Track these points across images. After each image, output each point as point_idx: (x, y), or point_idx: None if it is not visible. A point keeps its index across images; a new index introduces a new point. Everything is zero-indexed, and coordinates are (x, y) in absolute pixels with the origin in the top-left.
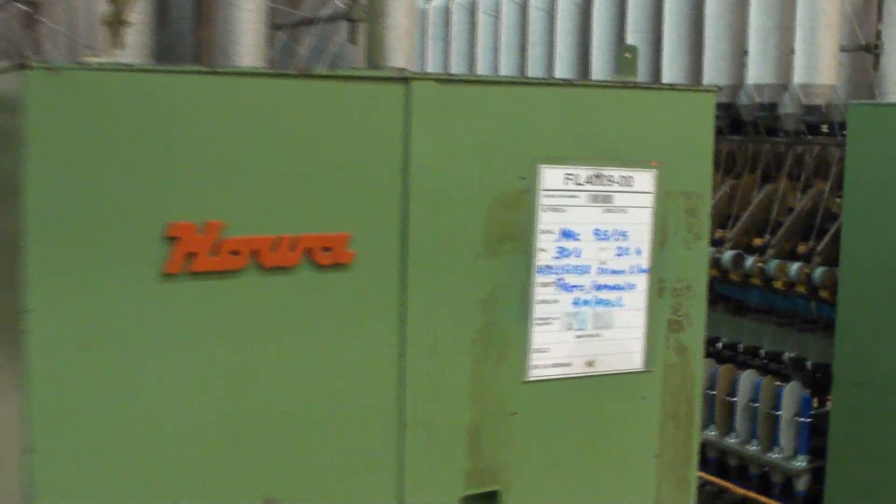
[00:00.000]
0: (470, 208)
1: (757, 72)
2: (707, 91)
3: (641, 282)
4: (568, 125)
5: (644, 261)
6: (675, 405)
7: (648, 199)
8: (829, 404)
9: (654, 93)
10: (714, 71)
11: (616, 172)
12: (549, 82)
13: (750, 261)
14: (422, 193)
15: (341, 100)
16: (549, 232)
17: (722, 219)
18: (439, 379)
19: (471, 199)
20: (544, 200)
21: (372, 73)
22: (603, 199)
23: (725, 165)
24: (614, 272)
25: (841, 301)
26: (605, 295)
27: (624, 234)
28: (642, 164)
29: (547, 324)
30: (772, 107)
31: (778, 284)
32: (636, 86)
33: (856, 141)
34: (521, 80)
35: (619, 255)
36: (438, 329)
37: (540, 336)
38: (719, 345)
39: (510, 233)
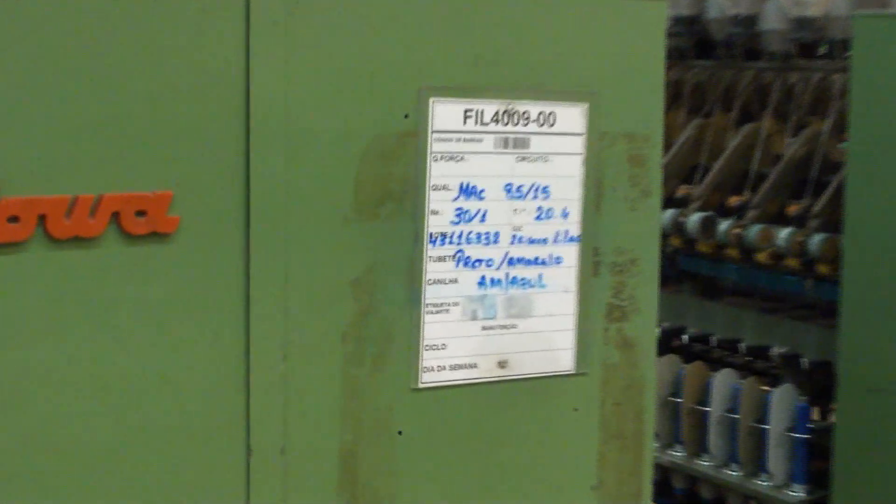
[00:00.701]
0: (335, 158)
1: None
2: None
3: (570, 254)
4: (468, 44)
5: (573, 226)
6: (618, 419)
7: (578, 144)
8: (832, 416)
9: (585, 2)
10: None
11: (534, 107)
12: None
13: (724, 225)
14: (268, 139)
15: (158, 16)
16: (444, 188)
17: (686, 171)
18: (297, 388)
19: (336, 145)
20: (437, 146)
21: None
22: (516, 144)
23: (691, 101)
24: (533, 242)
25: (845, 279)
26: (520, 272)
27: (545, 191)
28: (569, 95)
29: (443, 311)
30: (750, 21)
31: (761, 257)
32: None
33: (863, 64)
34: None
35: (540, 218)
36: (294, 321)
37: (434, 328)
38: (685, 337)
39: (391, 190)
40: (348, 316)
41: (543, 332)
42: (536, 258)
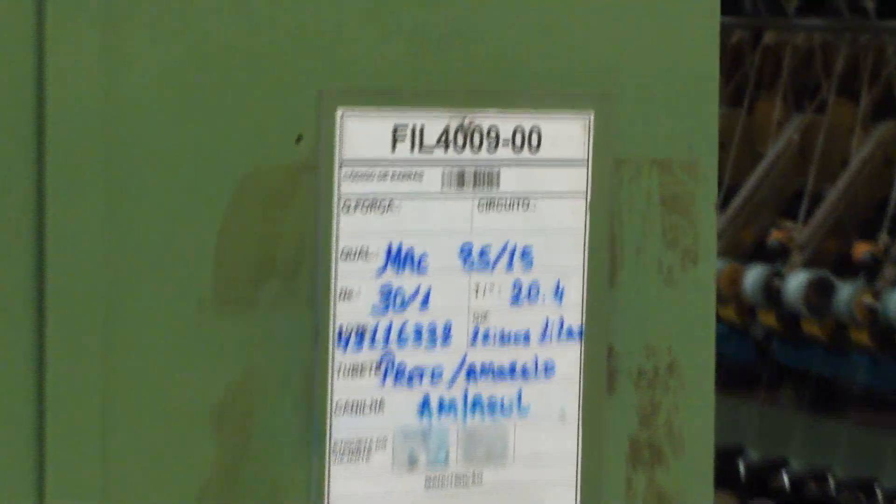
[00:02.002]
0: (183, 208)
1: None
2: None
3: (568, 358)
4: (401, 19)
5: (571, 313)
6: None
7: (578, 178)
8: None
9: None
10: None
11: (506, 121)
12: None
13: (847, 291)
14: (74, 178)
15: None
16: (362, 254)
17: (785, 201)
18: None
19: (185, 187)
20: (349, 186)
21: None
22: (478, 181)
23: (790, 82)
24: (507, 339)
25: None
26: (487, 389)
27: (526, 256)
28: (564, 100)
29: (362, 456)
30: None
31: None
32: None
33: None
34: None
35: (518, 300)
36: (117, 476)
37: (345, 483)
38: (786, 476)
39: (275, 259)
40: (208, 463)
41: (527, 487)
42: (513, 366)
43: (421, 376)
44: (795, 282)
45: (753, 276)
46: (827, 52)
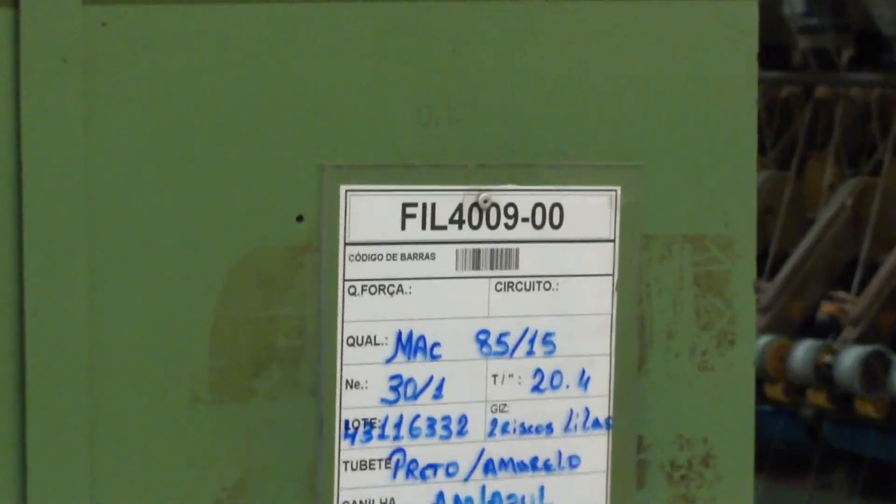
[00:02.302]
0: (174, 292)
1: None
2: None
3: (594, 451)
4: (408, 87)
5: (598, 403)
6: None
7: (603, 257)
8: None
9: (617, 4)
10: None
11: (524, 197)
12: None
13: None
14: (54, 259)
15: None
16: (370, 342)
17: (837, 270)
18: None
19: (175, 270)
20: (354, 269)
21: None
22: (495, 261)
23: (843, 142)
24: (528, 431)
25: None
26: (507, 485)
27: (548, 342)
28: (588, 174)
29: None
30: None
31: None
32: None
33: None
34: None
35: (539, 389)
36: None
37: None
38: None
39: (275, 347)
40: None
41: None
42: (535, 460)
43: (435, 471)
44: (848, 358)
45: (802, 352)
46: (883, 108)
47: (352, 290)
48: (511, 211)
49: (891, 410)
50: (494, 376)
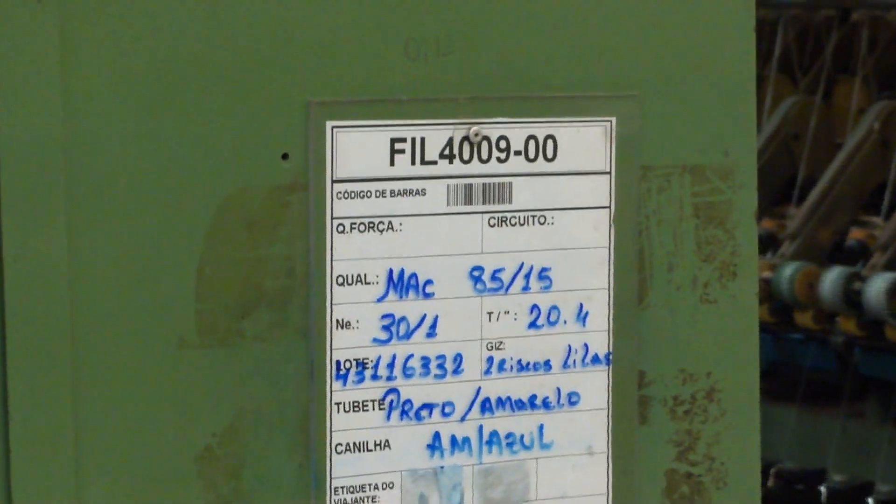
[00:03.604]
0: (157, 235)
1: None
2: None
3: (594, 387)
4: (394, 19)
5: (597, 338)
6: None
7: (600, 188)
8: None
9: None
10: None
11: (516, 129)
12: None
13: None
14: (32, 203)
15: None
16: (360, 280)
17: (866, 194)
18: None
19: (158, 211)
20: (343, 207)
21: None
22: (488, 196)
23: (871, 66)
24: (525, 368)
25: None
26: (505, 423)
27: (544, 276)
28: (582, 104)
29: (366, 500)
30: None
31: None
32: None
33: None
34: None
35: (537, 325)
36: None
37: None
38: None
39: (263, 288)
40: None
41: None
42: (533, 398)
43: (430, 411)
44: (877, 285)
45: (831, 279)
46: None
47: (340, 229)
48: (503, 144)
49: None
50: (489, 313)
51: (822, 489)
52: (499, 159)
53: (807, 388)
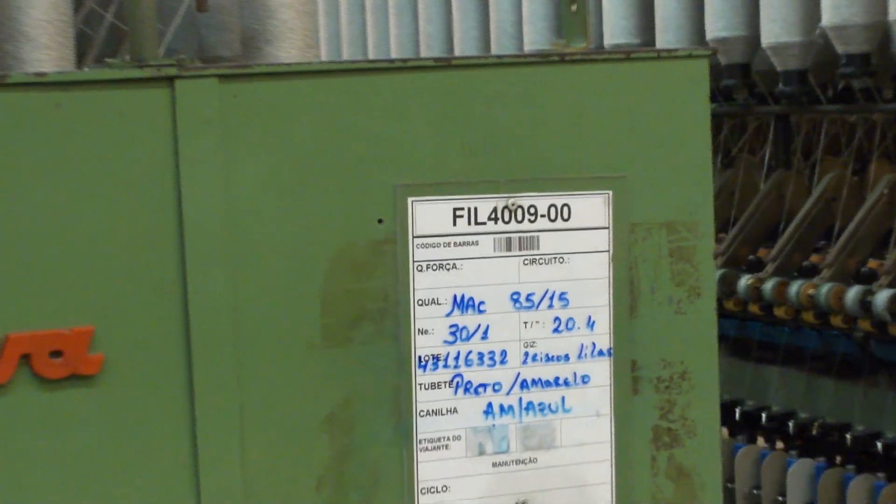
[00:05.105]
0: (292, 274)
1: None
2: (696, 56)
3: (600, 372)
4: (453, 129)
5: (601, 338)
6: None
7: (601, 239)
8: None
9: (604, 65)
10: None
11: (541, 200)
12: (415, 65)
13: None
14: (208, 256)
15: (69, 115)
16: (434, 302)
17: (878, 236)
18: None
19: (293, 259)
20: (421, 253)
21: (116, 72)
22: (522, 245)
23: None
24: (551, 359)
25: None
26: (537, 396)
27: (562, 298)
28: (586, 183)
29: (441, 448)
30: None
31: None
32: (564, 59)
33: None
34: (366, 66)
35: (558, 331)
36: (256, 468)
37: (430, 468)
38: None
39: (366, 309)
40: (323, 458)
41: (572, 466)
42: (557, 379)
43: (485, 388)
44: (883, 297)
45: (854, 294)
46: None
47: (420, 268)
48: (532, 210)
49: None
50: (525, 323)
51: (848, 436)
52: (529, 220)
53: (839, 367)
